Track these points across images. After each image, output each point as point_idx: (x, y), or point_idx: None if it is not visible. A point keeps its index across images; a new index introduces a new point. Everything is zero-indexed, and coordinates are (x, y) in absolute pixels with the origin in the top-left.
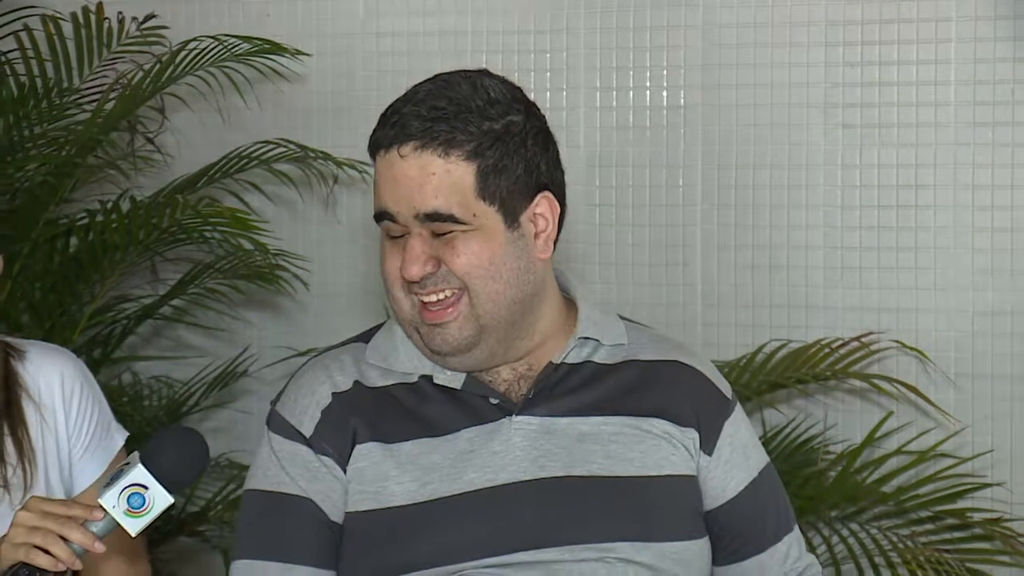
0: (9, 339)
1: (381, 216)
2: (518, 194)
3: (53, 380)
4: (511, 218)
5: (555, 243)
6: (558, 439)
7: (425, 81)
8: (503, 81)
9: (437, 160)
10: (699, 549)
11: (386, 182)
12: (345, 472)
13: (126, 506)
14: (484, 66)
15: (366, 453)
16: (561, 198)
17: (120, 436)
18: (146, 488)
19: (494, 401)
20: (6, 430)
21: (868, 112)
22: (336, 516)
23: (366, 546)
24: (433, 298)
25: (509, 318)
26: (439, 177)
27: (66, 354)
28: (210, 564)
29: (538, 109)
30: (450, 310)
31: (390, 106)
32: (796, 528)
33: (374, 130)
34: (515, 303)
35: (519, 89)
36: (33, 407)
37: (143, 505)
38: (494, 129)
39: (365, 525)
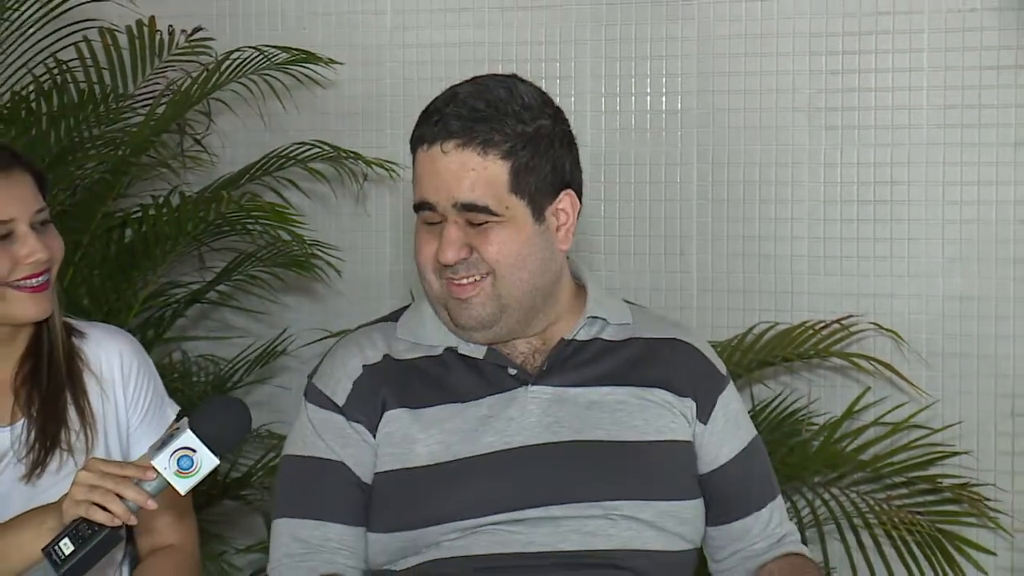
0: (72, 321)
1: (421, 206)
2: (545, 191)
3: (113, 358)
4: (538, 212)
5: (573, 235)
6: (569, 407)
7: (464, 83)
8: (534, 87)
9: (476, 157)
10: (694, 509)
11: (427, 174)
12: (375, 437)
13: (176, 467)
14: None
15: (394, 418)
16: (580, 195)
17: (172, 410)
18: (194, 451)
19: (512, 372)
20: (70, 400)
21: (848, 115)
22: (366, 478)
23: (393, 502)
24: (463, 282)
25: (530, 302)
26: (477, 173)
27: (124, 335)
28: (252, 525)
29: (564, 114)
30: (475, 287)
31: (431, 105)
32: (779, 497)
33: (416, 126)
34: (536, 289)
35: (547, 95)
36: (95, 381)
37: (191, 466)
38: (527, 132)
39: (392, 483)
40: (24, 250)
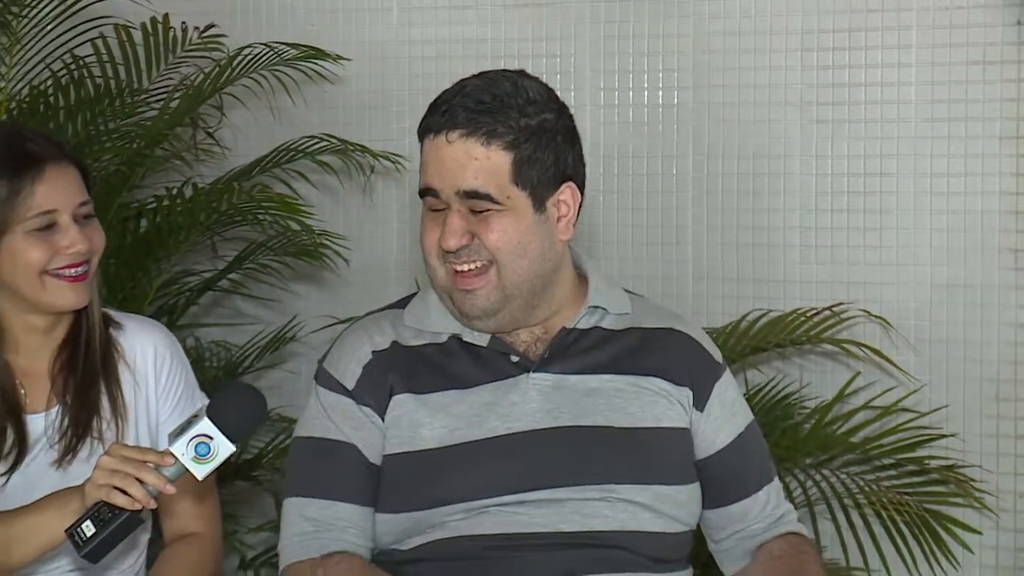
0: (111, 312)
1: (425, 192)
2: (546, 182)
3: (147, 350)
4: (539, 203)
5: (574, 226)
6: (569, 393)
7: (472, 77)
8: (540, 83)
9: (480, 147)
10: (690, 493)
11: (433, 162)
12: (383, 420)
13: (193, 454)
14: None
15: (401, 403)
16: (582, 188)
17: (202, 400)
18: (211, 438)
19: (514, 359)
20: (103, 389)
21: (839, 109)
22: (375, 459)
23: (400, 485)
24: (465, 267)
25: (531, 289)
26: (480, 162)
27: (160, 328)
28: (263, 505)
29: (568, 110)
30: (480, 279)
31: (440, 96)
32: (776, 479)
33: (424, 117)
34: (537, 277)
35: (552, 91)
36: (128, 371)
37: (208, 453)
38: (530, 125)
39: (399, 466)
40: (65, 241)
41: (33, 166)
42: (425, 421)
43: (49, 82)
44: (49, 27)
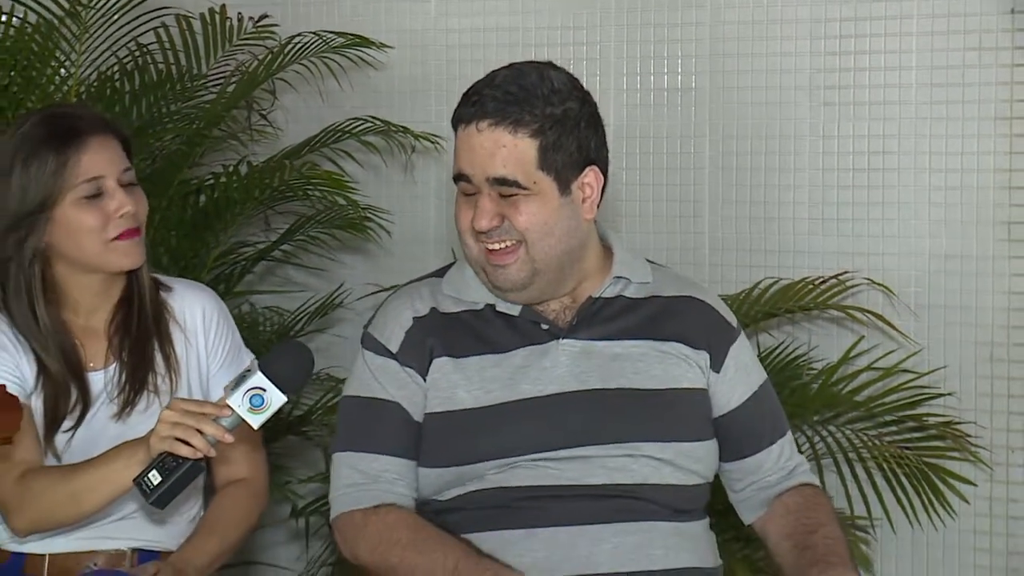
0: (160, 276)
1: (458, 177)
2: (570, 167)
3: (196, 310)
4: (564, 186)
5: (598, 206)
6: (596, 358)
7: (502, 68)
8: (565, 73)
9: (507, 136)
10: (709, 448)
11: (464, 150)
12: (425, 380)
13: (249, 405)
14: (532, 55)
15: (440, 366)
16: (605, 171)
17: (247, 357)
18: (264, 390)
19: (545, 327)
20: (157, 347)
21: (845, 92)
22: (418, 416)
23: (440, 442)
24: (497, 246)
25: (558, 265)
26: (508, 150)
27: (206, 289)
28: (312, 458)
29: (591, 97)
30: (510, 256)
31: (472, 87)
32: (789, 433)
33: (457, 106)
34: (564, 254)
35: (577, 80)
36: (179, 330)
37: (263, 404)
38: (555, 114)
39: (439, 424)
40: (113, 204)
41: (76, 137)
42: (461, 383)
43: (115, 68)
44: (115, 17)
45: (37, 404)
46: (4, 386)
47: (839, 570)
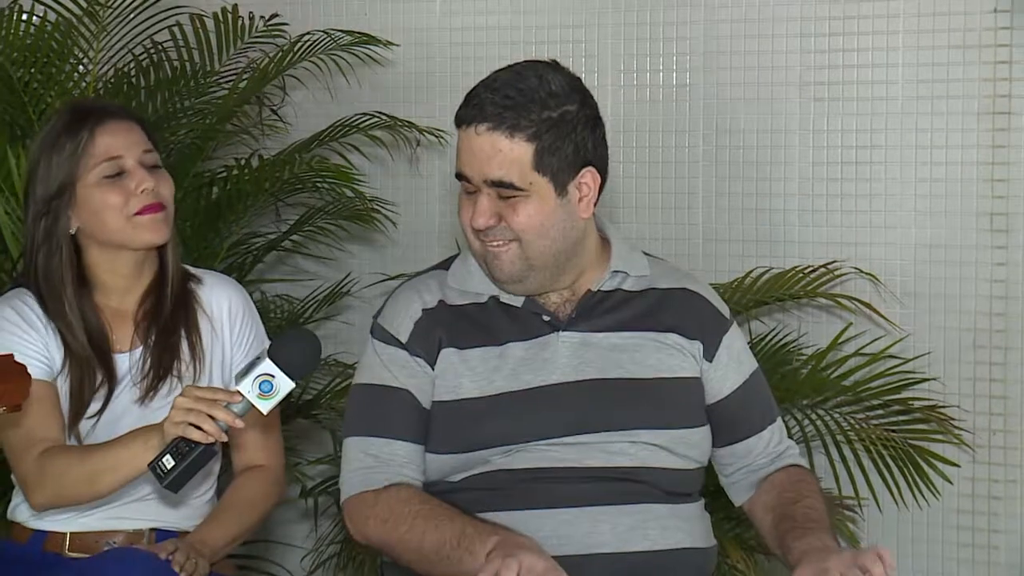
0: (191, 268)
1: (460, 176)
2: (566, 169)
3: (223, 302)
4: (560, 187)
5: (595, 204)
6: (595, 349)
7: (503, 69)
8: (566, 74)
9: (504, 140)
10: (703, 434)
11: (464, 152)
12: (433, 369)
13: (258, 391)
14: (532, 53)
15: (447, 356)
16: (603, 170)
17: None
18: (273, 376)
19: (546, 319)
20: (183, 334)
21: (833, 88)
22: (426, 403)
23: (447, 428)
24: (494, 244)
25: (554, 262)
26: (504, 154)
27: (234, 283)
28: (321, 440)
29: (591, 99)
30: (505, 247)
31: (473, 89)
32: (779, 420)
33: (460, 107)
34: (560, 253)
35: (579, 80)
36: (207, 320)
37: (271, 390)
38: (551, 117)
39: (446, 412)
40: (134, 182)
41: (92, 121)
42: (467, 373)
43: (131, 65)
44: (131, 16)
45: (64, 387)
46: (11, 355)
47: (817, 535)
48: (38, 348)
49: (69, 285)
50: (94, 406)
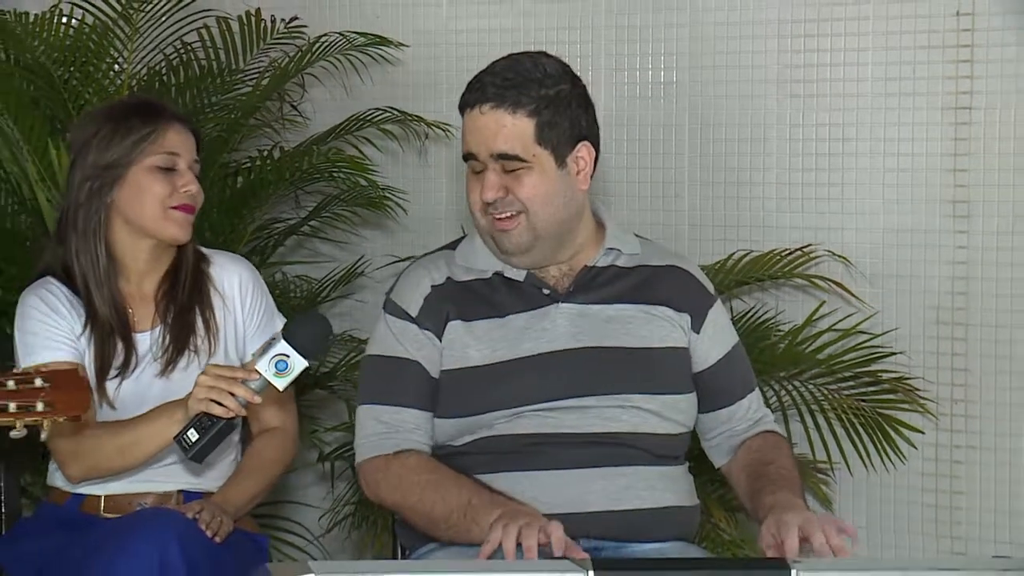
0: (203, 249)
1: (467, 156)
2: (565, 142)
3: (234, 279)
4: (560, 159)
5: (591, 177)
6: (591, 320)
7: (500, 59)
8: (557, 60)
9: (507, 116)
10: (690, 400)
11: (470, 131)
12: (440, 341)
13: (274, 370)
14: None
15: (454, 328)
16: (596, 145)
17: (280, 321)
18: (288, 356)
19: (546, 291)
20: (198, 312)
21: (809, 86)
22: (435, 373)
23: (454, 394)
24: (502, 216)
25: (558, 231)
26: (508, 128)
27: (243, 261)
28: (337, 409)
29: (581, 81)
30: (514, 222)
31: (475, 76)
32: (757, 390)
33: (463, 93)
34: (562, 221)
35: (568, 65)
36: (218, 296)
37: (286, 368)
38: (549, 95)
39: (453, 379)
40: (182, 181)
41: (168, 116)
42: (471, 343)
43: (163, 64)
44: (163, 19)
45: (88, 355)
46: (76, 368)
47: (784, 493)
48: (64, 332)
49: (101, 243)
50: (114, 370)
